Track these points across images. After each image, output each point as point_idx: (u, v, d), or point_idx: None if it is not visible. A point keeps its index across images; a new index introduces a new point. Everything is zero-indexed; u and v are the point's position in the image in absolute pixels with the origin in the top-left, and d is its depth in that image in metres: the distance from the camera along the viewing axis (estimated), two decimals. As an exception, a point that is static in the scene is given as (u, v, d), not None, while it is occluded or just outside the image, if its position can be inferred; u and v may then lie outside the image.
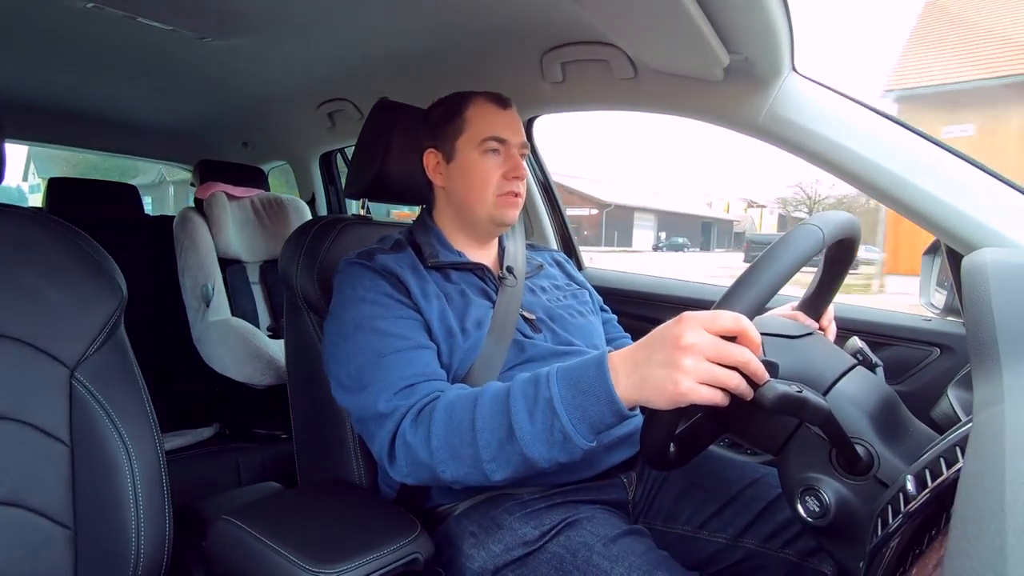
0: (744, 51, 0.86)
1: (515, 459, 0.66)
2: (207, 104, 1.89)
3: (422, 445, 0.70)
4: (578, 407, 0.62)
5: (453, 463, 0.69)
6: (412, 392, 0.75)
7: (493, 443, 0.66)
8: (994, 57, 7.99)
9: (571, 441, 0.63)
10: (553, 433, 0.63)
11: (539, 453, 0.64)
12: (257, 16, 1.17)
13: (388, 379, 0.76)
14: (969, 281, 0.52)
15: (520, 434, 0.64)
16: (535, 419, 0.64)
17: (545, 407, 0.64)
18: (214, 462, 1.57)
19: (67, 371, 0.71)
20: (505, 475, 0.68)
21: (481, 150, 0.90)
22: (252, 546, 0.69)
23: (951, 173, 0.85)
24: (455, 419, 0.69)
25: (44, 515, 0.68)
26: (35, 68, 1.56)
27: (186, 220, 1.87)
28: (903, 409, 0.63)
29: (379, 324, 0.80)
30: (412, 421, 0.72)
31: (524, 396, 0.66)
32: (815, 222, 0.63)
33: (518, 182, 0.91)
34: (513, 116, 0.93)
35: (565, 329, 0.93)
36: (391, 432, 0.73)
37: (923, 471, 0.41)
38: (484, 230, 0.95)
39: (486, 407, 0.68)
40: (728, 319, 0.56)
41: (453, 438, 0.69)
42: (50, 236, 0.74)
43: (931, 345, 1.05)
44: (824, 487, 0.57)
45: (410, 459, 0.72)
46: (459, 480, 0.70)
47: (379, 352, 0.78)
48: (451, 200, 0.95)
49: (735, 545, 0.81)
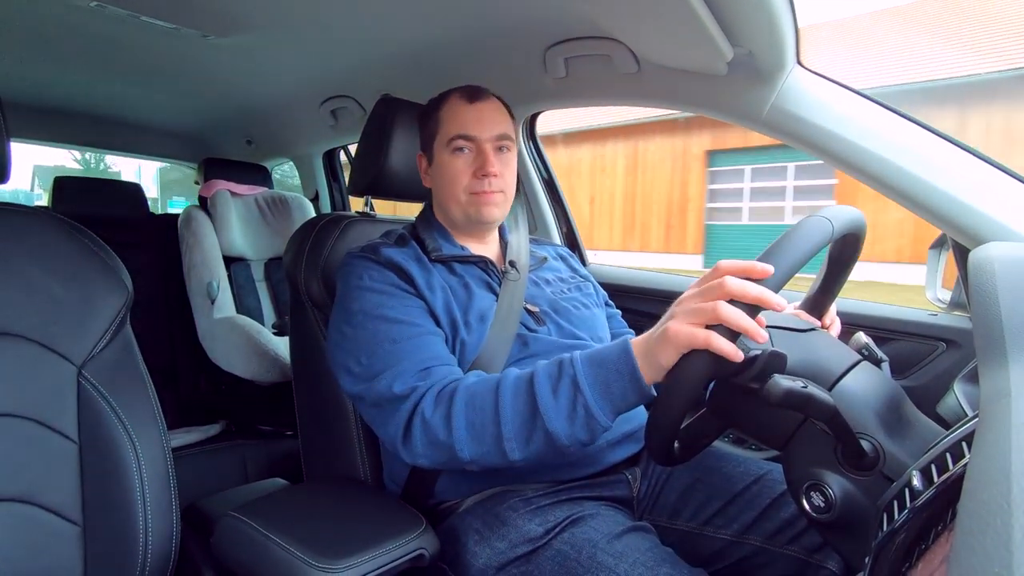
0: (748, 45, 0.86)
1: (537, 436, 0.67)
2: (211, 102, 1.90)
3: (441, 424, 0.70)
4: (601, 383, 0.64)
5: (473, 442, 0.69)
6: (429, 374, 0.75)
7: (516, 420, 0.67)
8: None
9: (593, 417, 0.64)
10: (576, 409, 0.65)
11: (561, 429, 0.65)
12: (260, 14, 1.17)
13: (404, 364, 0.75)
14: (975, 275, 0.51)
15: (544, 409, 0.66)
16: (559, 395, 0.66)
17: (569, 384, 0.66)
18: (220, 459, 1.58)
19: (75, 369, 0.71)
20: (525, 455, 0.68)
21: (450, 150, 0.89)
22: (259, 542, 0.70)
23: (957, 166, 0.85)
24: (477, 398, 0.70)
25: (53, 511, 0.69)
26: (39, 67, 1.56)
27: (191, 218, 1.88)
28: (909, 404, 0.63)
29: (389, 312, 0.80)
30: (432, 400, 0.72)
31: (548, 376, 0.68)
32: (825, 214, 0.62)
33: (488, 179, 0.88)
34: (484, 108, 0.90)
35: (570, 322, 0.92)
36: (408, 412, 0.73)
37: (929, 466, 0.41)
38: (469, 228, 0.94)
39: (510, 387, 0.69)
40: (709, 271, 0.60)
41: (474, 416, 0.69)
42: (56, 234, 0.74)
43: (937, 340, 1.04)
44: (829, 482, 0.57)
45: (427, 438, 0.71)
46: (476, 460, 0.70)
47: (392, 339, 0.78)
48: (437, 201, 0.95)
49: (740, 542, 0.81)
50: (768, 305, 0.56)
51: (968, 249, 0.77)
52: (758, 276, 0.57)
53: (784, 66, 0.91)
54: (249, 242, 1.96)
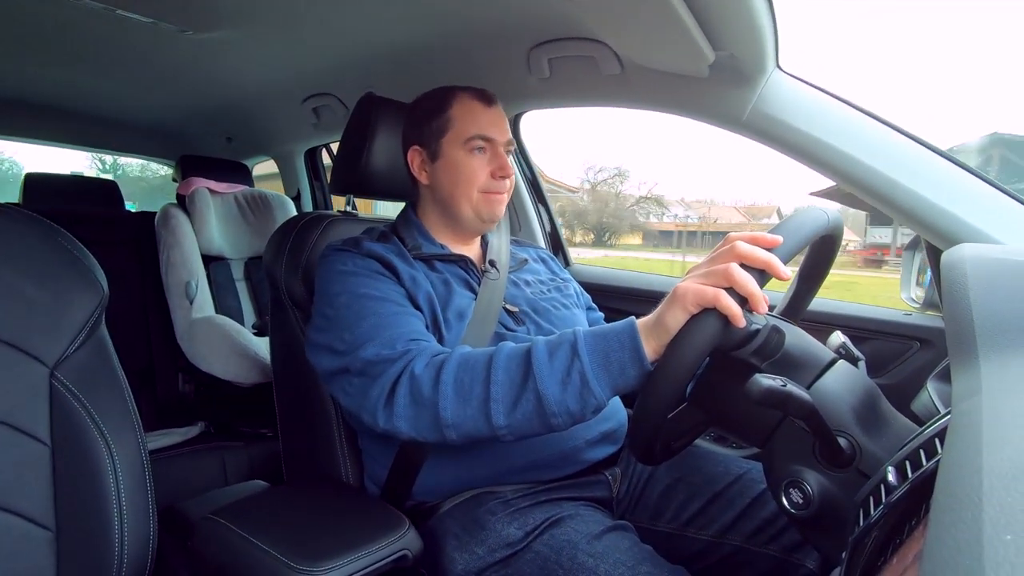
0: (729, 48, 0.87)
1: (526, 398, 0.64)
2: (189, 98, 1.86)
3: (429, 381, 0.68)
4: (601, 352, 0.63)
5: (458, 401, 0.67)
6: (419, 344, 0.74)
7: (506, 381, 0.66)
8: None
9: (588, 386, 0.63)
10: (571, 374, 0.63)
11: (552, 393, 0.63)
12: (239, 9, 1.15)
13: (393, 332, 0.74)
14: (948, 276, 0.52)
15: (538, 370, 0.64)
16: (555, 359, 0.65)
17: (568, 349, 0.65)
18: (200, 461, 1.55)
19: (47, 370, 0.69)
20: (509, 420, 0.65)
21: (467, 149, 0.90)
22: (239, 545, 0.69)
23: (932, 170, 0.87)
24: (471, 359, 0.69)
25: (25, 517, 0.67)
26: (12, 63, 1.52)
27: (168, 216, 1.84)
28: (884, 402, 0.64)
29: (374, 292, 0.80)
30: (425, 359, 0.71)
31: (547, 342, 0.67)
32: (820, 208, 0.65)
33: (504, 180, 0.91)
34: (498, 113, 0.93)
35: (549, 321, 0.93)
36: (396, 373, 0.71)
37: (903, 462, 0.42)
38: (470, 227, 0.95)
39: (505, 351, 0.68)
40: (723, 248, 0.60)
41: (464, 375, 0.68)
42: (27, 232, 0.72)
43: (912, 339, 1.07)
44: (808, 479, 0.58)
45: (411, 398, 0.69)
46: (458, 423, 0.67)
47: (378, 313, 0.77)
48: (436, 198, 0.94)
49: (720, 542, 0.82)
50: (776, 272, 0.58)
51: (941, 251, 0.79)
52: (767, 245, 0.58)
53: (764, 69, 0.92)
54: (228, 241, 1.93)
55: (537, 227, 1.60)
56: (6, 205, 0.75)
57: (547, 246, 1.61)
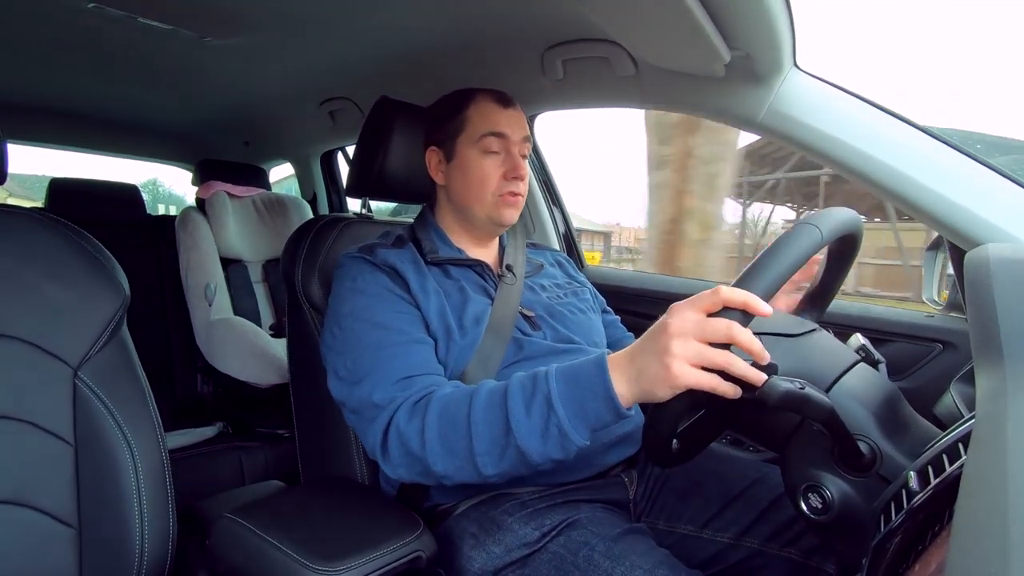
0: (745, 47, 0.86)
1: (509, 453, 0.66)
2: (208, 104, 1.89)
3: (415, 436, 0.70)
4: (576, 403, 0.62)
5: (446, 456, 0.69)
6: (409, 384, 0.75)
7: (487, 436, 0.66)
8: None
9: (567, 437, 0.63)
10: (549, 428, 0.63)
11: (534, 448, 0.64)
12: (257, 15, 1.17)
13: (385, 372, 0.76)
14: (972, 277, 0.51)
15: (516, 427, 0.64)
16: (532, 413, 0.64)
17: (543, 402, 0.64)
18: (217, 461, 1.58)
19: (71, 371, 0.71)
20: (498, 470, 0.67)
21: (481, 149, 0.90)
22: (256, 544, 0.69)
23: (954, 169, 0.85)
24: (450, 411, 0.69)
25: (48, 514, 0.69)
26: (36, 69, 1.56)
27: (187, 220, 1.87)
28: (906, 405, 0.63)
29: (377, 317, 0.80)
30: (407, 412, 0.72)
31: (522, 390, 0.66)
32: (813, 221, 0.62)
33: (518, 182, 0.91)
34: (515, 115, 0.93)
35: (565, 326, 0.92)
36: (385, 423, 0.73)
37: (926, 467, 0.41)
38: (484, 229, 0.95)
39: (482, 401, 0.68)
40: (708, 294, 0.56)
41: (447, 430, 0.68)
42: (52, 236, 0.74)
43: (934, 341, 1.05)
44: (827, 483, 0.57)
45: (402, 450, 0.72)
46: (450, 475, 0.69)
47: (377, 345, 0.78)
48: (451, 199, 0.95)
49: (737, 544, 0.81)
50: (757, 310, 0.55)
51: (964, 251, 0.77)
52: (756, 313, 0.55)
53: (781, 68, 0.91)
54: (246, 243, 1.96)
55: (551, 229, 1.60)
56: (32, 210, 0.77)
57: (561, 248, 1.61)
